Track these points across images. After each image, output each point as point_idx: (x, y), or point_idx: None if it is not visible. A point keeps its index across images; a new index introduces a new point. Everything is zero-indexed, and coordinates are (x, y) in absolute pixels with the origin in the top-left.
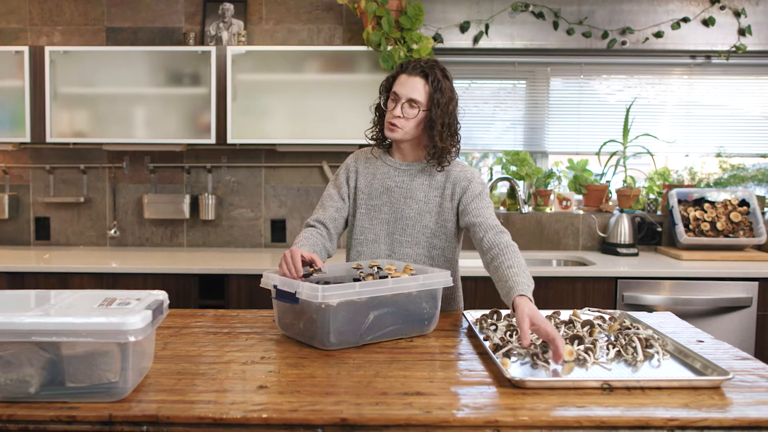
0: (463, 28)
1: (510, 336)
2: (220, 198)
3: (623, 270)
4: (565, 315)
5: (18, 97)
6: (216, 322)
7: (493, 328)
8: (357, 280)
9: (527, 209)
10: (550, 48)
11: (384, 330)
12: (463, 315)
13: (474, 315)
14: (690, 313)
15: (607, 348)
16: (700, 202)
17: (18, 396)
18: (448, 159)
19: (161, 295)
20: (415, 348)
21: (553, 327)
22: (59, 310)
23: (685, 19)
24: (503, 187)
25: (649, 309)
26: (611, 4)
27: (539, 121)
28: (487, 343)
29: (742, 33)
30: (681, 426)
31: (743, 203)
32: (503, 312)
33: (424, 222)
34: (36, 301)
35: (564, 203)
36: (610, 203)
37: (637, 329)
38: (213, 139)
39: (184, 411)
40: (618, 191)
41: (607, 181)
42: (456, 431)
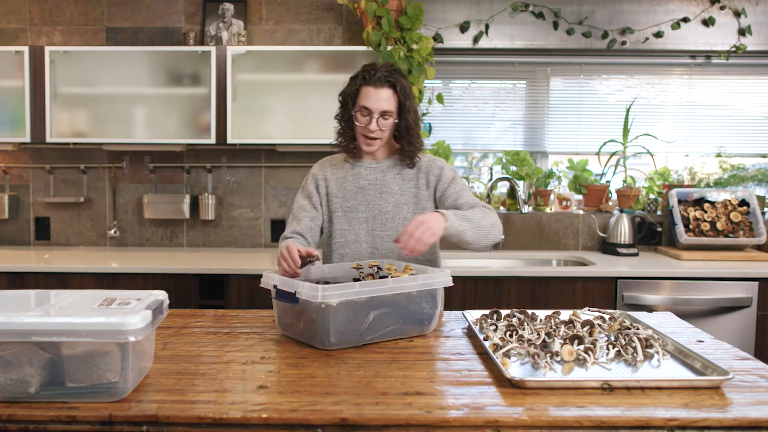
0: (463, 28)
1: (510, 336)
2: (220, 198)
3: (623, 270)
4: (565, 315)
5: (18, 97)
6: (216, 322)
7: (493, 328)
8: (357, 280)
9: (527, 209)
10: (550, 48)
11: (384, 330)
12: (464, 315)
13: (474, 315)
14: (690, 313)
15: (607, 348)
16: (700, 202)
17: (18, 396)
18: (418, 155)
19: (161, 295)
20: (415, 348)
21: (425, 226)
22: (59, 310)
23: (685, 19)
24: (503, 187)
25: (649, 309)
26: (611, 4)
27: (539, 121)
28: (487, 343)
29: (742, 33)
30: (681, 426)
31: (743, 203)
32: (503, 312)
33: (402, 214)
34: (36, 301)
35: (564, 203)
36: (610, 203)
37: (637, 329)
38: (213, 139)
39: (184, 411)
40: (618, 191)
41: (607, 181)
42: (456, 431)
